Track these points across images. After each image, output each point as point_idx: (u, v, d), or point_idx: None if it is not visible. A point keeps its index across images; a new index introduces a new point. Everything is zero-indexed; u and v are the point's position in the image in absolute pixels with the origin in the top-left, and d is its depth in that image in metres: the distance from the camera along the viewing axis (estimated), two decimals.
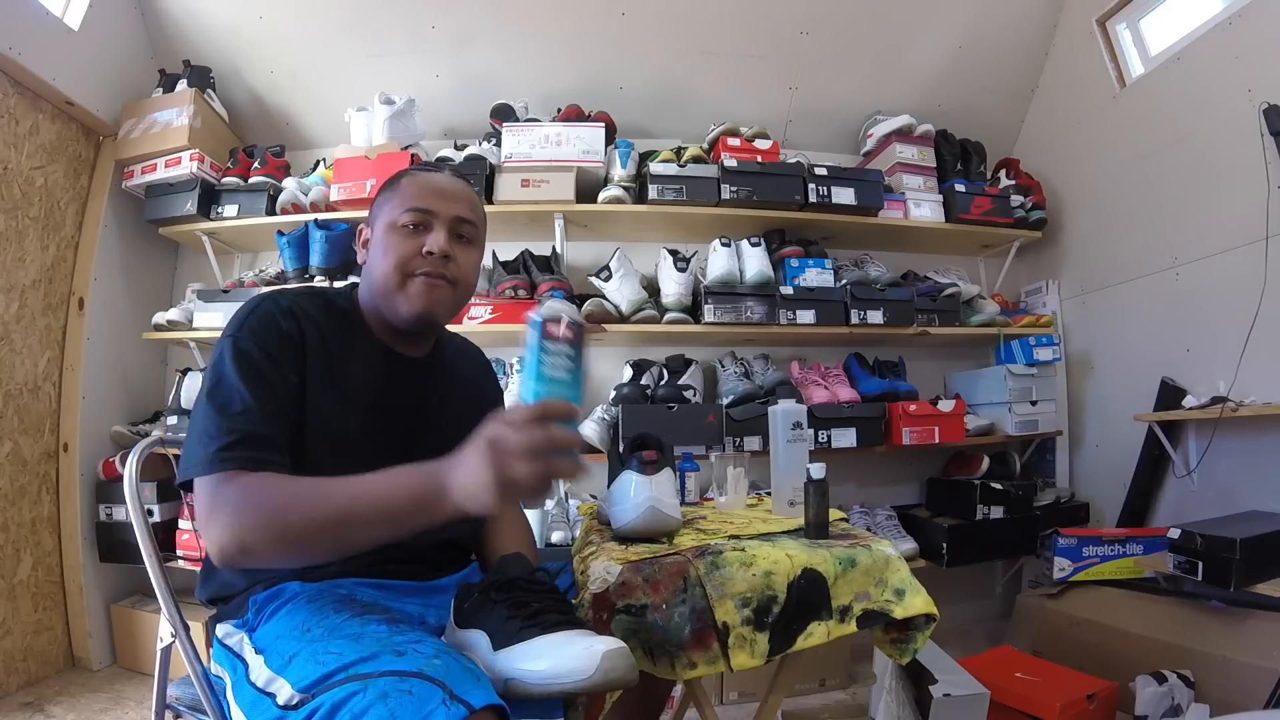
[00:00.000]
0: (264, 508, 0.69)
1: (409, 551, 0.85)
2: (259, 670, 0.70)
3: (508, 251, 2.22)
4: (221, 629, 0.83)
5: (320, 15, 2.27)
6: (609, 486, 1.06)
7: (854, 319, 2.20)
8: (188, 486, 0.74)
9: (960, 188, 2.41)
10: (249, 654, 0.75)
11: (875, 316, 2.21)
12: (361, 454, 0.84)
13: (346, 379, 0.87)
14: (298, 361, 0.83)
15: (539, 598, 0.77)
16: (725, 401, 2.10)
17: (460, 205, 0.92)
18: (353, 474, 0.81)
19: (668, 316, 2.09)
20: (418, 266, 0.88)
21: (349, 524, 0.68)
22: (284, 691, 0.64)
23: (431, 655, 0.62)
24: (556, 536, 1.97)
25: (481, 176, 2.13)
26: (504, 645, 0.72)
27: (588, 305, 2.06)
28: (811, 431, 2.04)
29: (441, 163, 2.16)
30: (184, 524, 2.05)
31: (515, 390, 2.01)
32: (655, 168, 2.17)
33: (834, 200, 2.24)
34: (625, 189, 2.17)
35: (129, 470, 0.96)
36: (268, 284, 2.23)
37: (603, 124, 2.20)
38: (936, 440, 2.17)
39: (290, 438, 0.80)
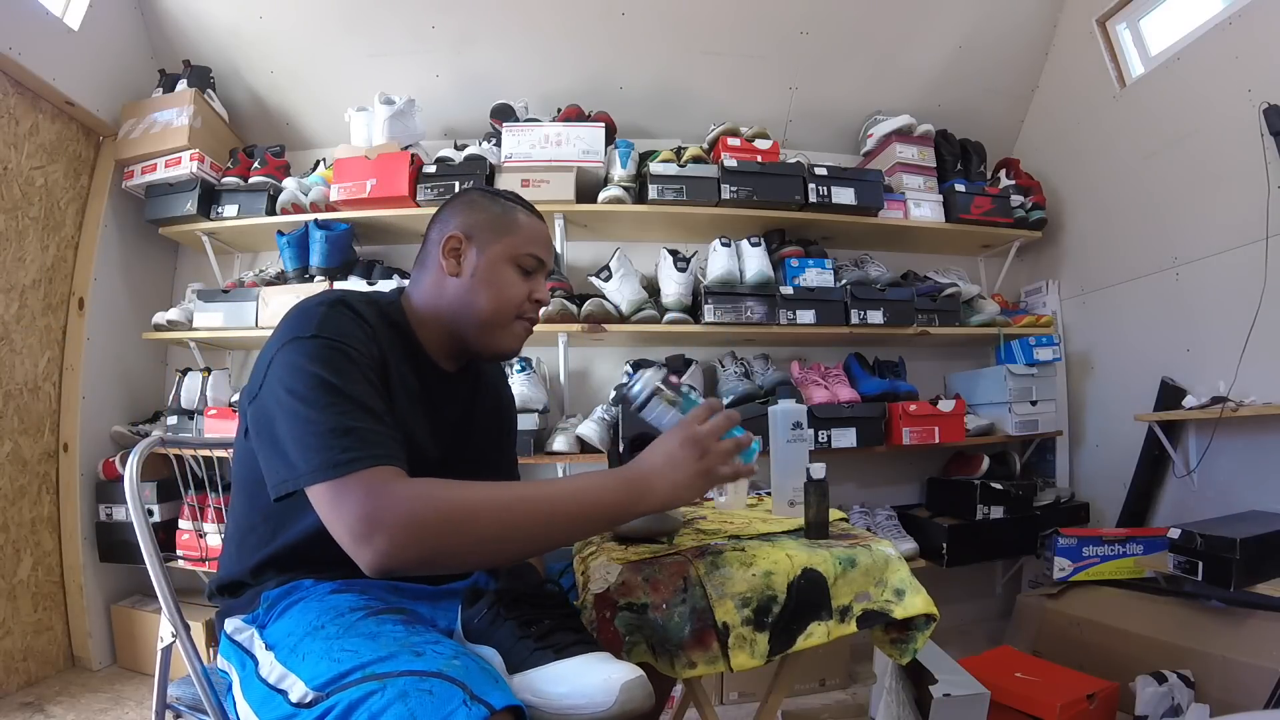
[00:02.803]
0: (454, 515, 0.67)
1: None
2: (270, 667, 0.70)
3: None
4: (230, 624, 0.83)
5: (320, 15, 2.27)
6: None
7: (854, 319, 2.19)
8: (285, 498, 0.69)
9: (960, 188, 2.41)
10: (259, 650, 0.74)
11: (875, 316, 2.21)
12: (430, 469, 0.85)
13: (410, 394, 0.86)
14: (380, 370, 0.79)
15: (549, 614, 0.77)
16: (725, 401, 2.10)
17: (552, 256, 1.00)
18: None
19: (668, 316, 2.08)
20: (526, 311, 0.94)
21: (551, 529, 0.72)
22: (297, 689, 0.64)
23: (450, 656, 0.62)
24: None
25: (481, 177, 2.13)
26: (518, 669, 0.72)
27: (588, 305, 2.06)
28: (811, 431, 2.04)
29: (441, 163, 2.16)
30: (184, 524, 2.05)
31: (518, 390, 2.01)
32: (655, 168, 2.16)
33: (834, 200, 2.24)
34: (625, 189, 2.17)
35: (129, 470, 0.96)
36: (268, 284, 2.23)
37: (603, 124, 2.20)
38: (936, 440, 2.17)
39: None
